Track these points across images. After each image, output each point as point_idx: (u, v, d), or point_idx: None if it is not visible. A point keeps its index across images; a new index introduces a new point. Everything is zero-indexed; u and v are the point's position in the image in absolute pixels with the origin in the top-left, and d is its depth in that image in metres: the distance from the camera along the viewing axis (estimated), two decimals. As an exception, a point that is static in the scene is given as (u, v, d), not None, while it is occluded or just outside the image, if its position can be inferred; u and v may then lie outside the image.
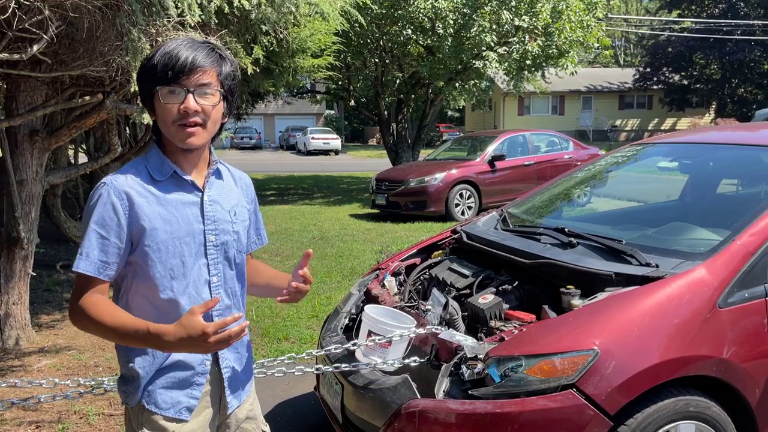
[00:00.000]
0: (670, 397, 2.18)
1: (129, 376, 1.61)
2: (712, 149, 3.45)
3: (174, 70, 1.50)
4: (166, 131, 1.56)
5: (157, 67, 1.51)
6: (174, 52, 1.51)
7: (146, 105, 1.59)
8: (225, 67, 1.59)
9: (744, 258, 2.35)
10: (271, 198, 14.85)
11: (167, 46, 1.53)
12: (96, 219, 1.53)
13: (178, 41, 1.55)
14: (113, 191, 1.54)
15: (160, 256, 1.56)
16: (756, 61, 34.79)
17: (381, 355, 2.49)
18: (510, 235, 3.08)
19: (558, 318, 2.34)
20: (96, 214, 1.53)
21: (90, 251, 1.52)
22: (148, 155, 1.62)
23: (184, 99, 1.51)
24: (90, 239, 1.53)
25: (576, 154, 12.19)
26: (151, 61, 1.53)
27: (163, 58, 1.50)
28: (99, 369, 4.33)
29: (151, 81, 1.53)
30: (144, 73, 1.55)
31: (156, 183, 1.58)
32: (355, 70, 16.04)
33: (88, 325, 1.52)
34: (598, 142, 33.09)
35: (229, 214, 1.70)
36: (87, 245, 1.53)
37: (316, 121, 45.82)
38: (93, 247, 1.52)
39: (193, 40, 1.57)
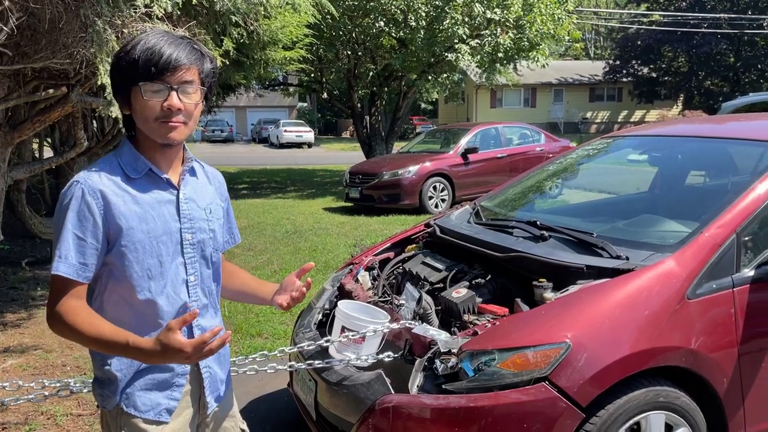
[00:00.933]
0: (640, 387, 2.21)
1: (105, 378, 1.57)
2: (681, 142, 3.49)
3: (158, 66, 1.46)
4: (146, 127, 1.52)
5: (139, 62, 1.46)
6: (157, 48, 1.47)
7: (119, 98, 1.55)
8: (206, 64, 1.57)
9: (712, 250, 2.38)
10: (243, 192, 14.71)
11: (148, 40, 1.48)
12: (71, 219, 1.48)
13: (157, 35, 1.50)
14: (87, 190, 1.48)
15: (137, 256, 1.52)
16: (722, 54, 35.48)
17: (355, 350, 2.48)
18: (483, 228, 3.09)
19: (530, 311, 2.35)
20: (71, 215, 1.48)
21: (67, 253, 1.47)
22: (120, 152, 1.56)
23: (167, 96, 1.48)
24: (66, 240, 1.47)
25: (547, 146, 12.30)
26: (130, 54, 1.48)
27: (146, 54, 1.46)
28: (67, 369, 4.24)
29: (130, 76, 1.48)
30: (122, 66, 1.50)
31: (131, 181, 1.53)
32: (327, 62, 15.93)
33: (66, 332, 1.48)
34: (569, 134, 33.44)
35: (205, 212, 1.67)
36: (64, 247, 1.47)
37: (288, 113, 45.48)
38: (70, 249, 1.47)
39: (173, 36, 1.53)
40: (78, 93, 4.45)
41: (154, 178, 1.57)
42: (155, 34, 1.51)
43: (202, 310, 1.65)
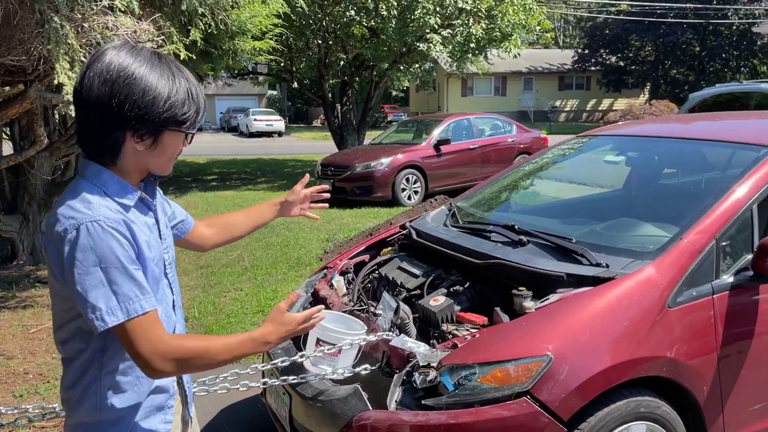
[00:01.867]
0: (621, 398, 2.18)
1: (108, 420, 1.45)
2: (657, 143, 3.47)
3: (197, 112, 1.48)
4: (159, 164, 1.48)
5: (187, 112, 1.44)
6: (200, 98, 1.47)
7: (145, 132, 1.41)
8: None
9: (691, 256, 2.35)
10: (212, 183, 14.46)
11: (192, 87, 1.45)
12: (117, 254, 1.34)
13: (188, 78, 1.46)
14: (112, 222, 1.35)
15: (150, 284, 1.44)
16: (687, 43, 36.03)
17: (330, 363, 2.39)
18: (460, 232, 3.03)
19: (511, 323, 2.30)
20: (108, 253, 1.33)
21: (142, 285, 1.37)
22: (100, 181, 1.41)
23: (185, 139, 1.50)
24: (131, 276, 1.35)
25: (519, 137, 12.33)
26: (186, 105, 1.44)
27: (197, 103, 1.46)
28: (29, 377, 4.09)
29: (184, 121, 1.44)
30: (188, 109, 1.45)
31: (128, 209, 1.43)
32: (297, 51, 15.71)
33: (187, 365, 1.40)
34: (539, 123, 33.71)
35: (167, 227, 1.62)
36: (135, 282, 1.35)
37: (258, 101, 44.90)
38: (141, 281, 1.37)
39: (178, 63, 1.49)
40: (36, 89, 4.25)
41: (144, 203, 1.50)
42: (185, 77, 1.45)
43: (181, 322, 1.62)
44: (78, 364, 1.44)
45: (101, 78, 1.36)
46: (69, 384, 1.46)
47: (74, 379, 1.44)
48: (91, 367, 1.43)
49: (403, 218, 7.57)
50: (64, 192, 1.42)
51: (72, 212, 1.34)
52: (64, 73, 3.28)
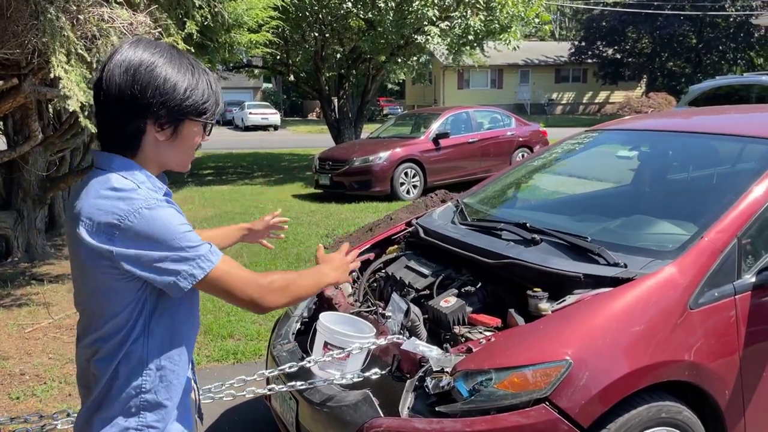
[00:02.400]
0: (642, 404, 2.10)
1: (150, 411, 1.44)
2: (669, 137, 3.39)
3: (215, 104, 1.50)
4: (178, 156, 1.49)
5: (207, 102, 1.47)
6: (218, 90, 1.50)
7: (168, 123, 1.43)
8: None
9: (713, 256, 2.27)
10: (208, 178, 14.34)
11: (211, 78, 1.48)
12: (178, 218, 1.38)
13: (206, 70, 1.48)
14: (164, 201, 1.39)
15: None
16: (684, 35, 35.95)
17: (339, 368, 2.31)
18: (469, 230, 2.94)
19: (527, 326, 2.21)
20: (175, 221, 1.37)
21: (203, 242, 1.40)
22: (131, 174, 1.40)
23: (203, 132, 1.52)
24: (194, 236, 1.39)
25: (518, 130, 12.24)
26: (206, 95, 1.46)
27: (216, 95, 1.49)
28: (26, 378, 3.99)
29: (201, 112, 1.46)
30: (209, 105, 1.47)
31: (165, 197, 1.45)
32: (293, 43, 15.55)
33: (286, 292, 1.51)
34: (535, 116, 33.61)
35: None
36: (200, 242, 1.39)
37: (253, 95, 44.65)
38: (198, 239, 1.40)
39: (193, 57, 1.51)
40: (31, 83, 4.14)
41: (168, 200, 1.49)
42: (206, 73, 1.48)
43: None
44: (121, 356, 1.41)
45: (122, 68, 1.38)
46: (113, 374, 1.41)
47: (117, 369, 1.41)
48: (134, 355, 1.41)
49: (403, 213, 7.48)
50: (88, 186, 1.39)
51: (119, 201, 1.34)
52: (60, 67, 3.17)
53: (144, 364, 1.42)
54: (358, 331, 2.40)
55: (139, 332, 1.41)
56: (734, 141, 3.12)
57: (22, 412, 3.57)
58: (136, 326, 1.40)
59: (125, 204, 1.33)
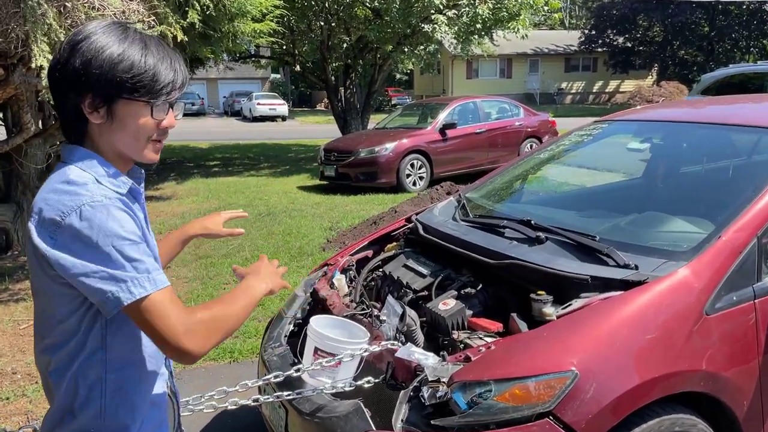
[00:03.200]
0: (653, 417, 1.95)
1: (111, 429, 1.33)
2: (682, 128, 3.21)
3: (176, 86, 1.33)
4: (130, 145, 1.32)
5: (159, 78, 1.29)
6: (175, 65, 1.33)
7: (96, 105, 1.28)
8: None
9: (731, 256, 2.11)
10: (215, 169, 14.23)
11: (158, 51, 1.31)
12: (124, 226, 1.21)
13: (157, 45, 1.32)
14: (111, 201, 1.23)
15: None
16: (696, 23, 35.40)
17: (330, 375, 2.18)
18: (470, 228, 2.78)
19: (530, 332, 2.06)
20: (116, 229, 1.20)
21: (151, 260, 1.23)
22: (92, 166, 1.28)
23: (167, 114, 1.34)
24: (138, 250, 1.22)
25: (526, 120, 12.03)
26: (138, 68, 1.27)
27: (155, 70, 1.29)
28: (17, 377, 3.89)
29: (131, 88, 1.27)
30: (134, 76, 1.27)
31: (121, 198, 1.29)
32: (299, 33, 15.38)
33: (213, 334, 1.25)
34: (544, 105, 33.28)
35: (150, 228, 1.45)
36: (143, 258, 1.22)
37: (261, 85, 44.48)
38: (149, 255, 1.24)
39: (159, 41, 1.35)
40: (20, 74, 4.01)
41: (132, 193, 1.36)
42: (156, 43, 1.32)
43: None
44: (76, 368, 1.29)
45: (68, 44, 1.28)
46: (67, 391, 1.29)
47: (73, 385, 1.29)
48: (90, 370, 1.29)
49: (408, 206, 7.32)
50: (49, 179, 1.28)
51: (66, 195, 1.21)
52: (42, 56, 3.04)
53: (102, 381, 1.29)
54: (351, 336, 2.26)
55: (96, 345, 1.28)
56: (751, 132, 2.94)
57: (11, 413, 3.47)
58: (89, 337, 1.27)
59: (71, 199, 1.20)
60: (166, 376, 1.45)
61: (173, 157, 16.78)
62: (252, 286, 1.41)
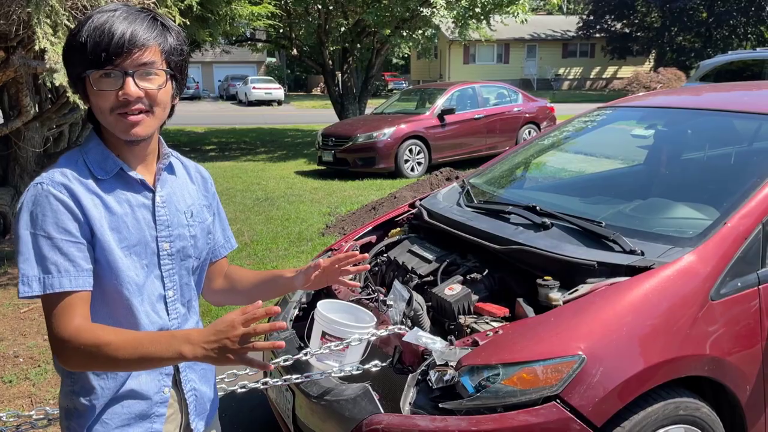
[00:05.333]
0: (658, 400, 1.97)
1: (72, 408, 1.31)
2: (686, 115, 3.21)
3: (108, 50, 1.21)
4: (104, 121, 1.28)
5: (87, 47, 1.22)
6: (107, 26, 1.22)
7: (77, 89, 1.31)
8: (169, 39, 1.30)
9: (736, 243, 2.13)
10: (211, 154, 14.18)
11: (97, 18, 1.24)
12: (46, 221, 1.21)
13: (109, 11, 1.25)
14: (52, 185, 1.23)
15: (111, 270, 1.27)
16: (695, 9, 35.25)
17: (337, 359, 2.20)
18: (475, 213, 2.79)
19: (537, 317, 2.08)
20: (41, 216, 1.21)
21: (56, 261, 1.20)
22: (86, 148, 1.32)
23: (122, 84, 1.23)
24: (45, 247, 1.20)
25: (525, 106, 12.01)
26: (76, 38, 1.23)
27: (94, 35, 1.22)
28: (19, 360, 3.90)
29: (79, 63, 1.24)
30: (70, 52, 1.25)
31: (99, 182, 1.29)
32: (296, 16, 15.25)
33: (88, 359, 1.19)
34: (542, 91, 33.20)
35: (185, 216, 1.41)
36: (48, 256, 1.19)
37: (257, 69, 44.20)
38: (56, 255, 1.20)
39: (129, 9, 1.27)
40: (20, 57, 3.98)
41: (126, 179, 1.33)
42: (107, 11, 1.25)
43: (182, 321, 1.41)
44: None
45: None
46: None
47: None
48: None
49: (408, 192, 7.33)
50: None
51: (37, 178, 1.27)
52: (45, 38, 3.01)
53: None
54: (357, 321, 2.28)
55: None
56: (755, 119, 2.95)
57: (14, 396, 3.49)
58: None
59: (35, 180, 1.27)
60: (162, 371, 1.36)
61: (169, 141, 16.70)
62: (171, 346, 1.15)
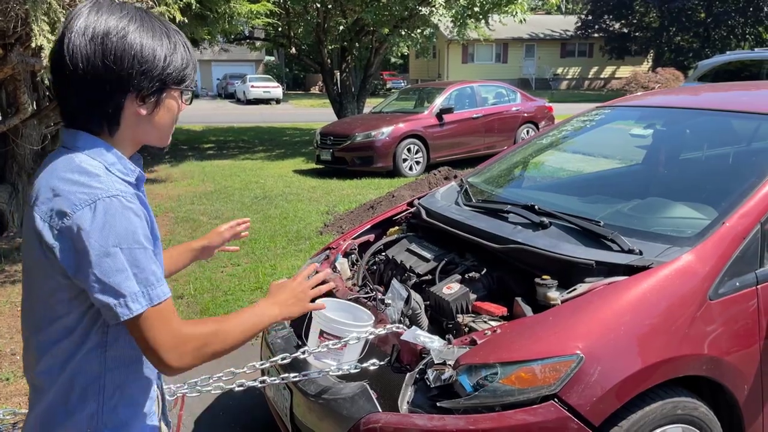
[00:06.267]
0: (656, 400, 1.97)
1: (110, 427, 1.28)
2: (685, 114, 3.22)
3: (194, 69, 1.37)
4: (158, 132, 1.33)
5: (187, 67, 1.33)
6: (191, 49, 1.36)
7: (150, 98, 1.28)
8: None
9: (734, 242, 2.13)
10: (209, 152, 14.15)
11: (186, 42, 1.34)
12: (137, 230, 1.18)
13: (179, 32, 1.34)
14: (128, 198, 1.20)
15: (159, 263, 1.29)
16: (693, 9, 35.30)
17: (335, 357, 2.19)
18: (474, 212, 2.79)
19: (536, 317, 2.08)
20: (130, 232, 1.17)
21: (157, 271, 1.20)
22: (101, 155, 1.23)
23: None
24: (146, 257, 1.19)
25: (523, 106, 12.02)
26: (185, 60, 1.33)
27: (193, 58, 1.36)
28: (16, 358, 3.89)
29: (178, 78, 1.32)
30: (183, 71, 1.33)
31: (130, 185, 1.26)
32: (295, 15, 15.23)
33: (204, 353, 1.25)
34: (540, 91, 33.20)
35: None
36: (154, 265, 1.20)
37: (255, 68, 44.15)
38: (156, 263, 1.22)
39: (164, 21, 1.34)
40: (18, 53, 3.96)
41: (141, 183, 1.32)
42: (179, 35, 1.33)
43: None
44: (73, 366, 1.24)
45: (87, 36, 1.21)
46: (61, 390, 1.24)
47: (68, 383, 1.24)
48: (88, 367, 1.24)
49: (406, 191, 7.32)
50: (51, 165, 1.23)
51: (79, 187, 1.17)
52: (42, 36, 3.00)
53: (100, 378, 1.25)
54: (355, 319, 2.27)
55: (95, 342, 1.23)
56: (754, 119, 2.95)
57: (11, 393, 3.48)
58: (90, 334, 1.22)
59: (83, 191, 1.16)
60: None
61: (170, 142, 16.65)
62: (261, 312, 1.39)
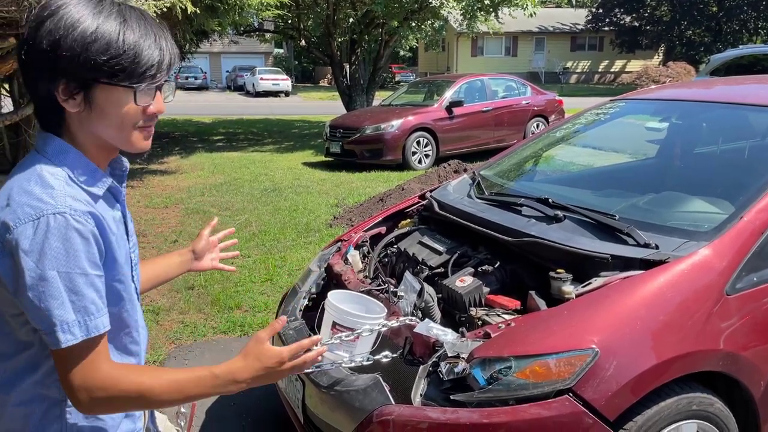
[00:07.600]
0: (672, 395, 1.96)
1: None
2: (699, 108, 3.18)
3: (161, 66, 1.15)
4: (117, 134, 1.16)
5: (138, 63, 1.11)
6: (160, 42, 1.15)
7: (69, 91, 1.11)
8: None
9: (752, 237, 2.11)
10: (219, 144, 14.17)
11: (138, 27, 1.13)
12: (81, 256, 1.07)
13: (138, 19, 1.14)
14: (77, 216, 1.08)
15: (112, 294, 1.18)
16: (705, 3, 34.95)
17: (347, 349, 2.18)
18: (487, 205, 2.77)
19: (550, 310, 2.06)
20: (70, 254, 1.06)
21: (100, 301, 1.11)
22: (67, 162, 1.14)
23: (154, 98, 1.17)
24: (90, 285, 1.09)
25: (534, 99, 11.95)
26: (125, 50, 1.10)
27: (137, 50, 1.11)
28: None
29: (110, 71, 1.10)
30: (100, 60, 1.09)
31: (96, 199, 1.16)
32: (305, 7, 15.20)
33: (120, 403, 1.15)
34: (549, 84, 33.02)
35: (132, 223, 1.34)
36: (95, 294, 1.09)
37: (264, 60, 44.12)
38: (100, 294, 1.11)
39: (143, 13, 1.17)
40: (30, 43, 3.96)
41: (110, 195, 1.22)
42: (134, 15, 1.14)
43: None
44: (28, 385, 1.16)
45: (35, 20, 1.10)
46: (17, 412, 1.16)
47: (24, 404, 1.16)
48: (50, 386, 1.16)
49: (415, 183, 7.30)
50: (18, 167, 1.13)
51: (29, 199, 1.07)
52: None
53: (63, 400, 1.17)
54: (368, 311, 2.26)
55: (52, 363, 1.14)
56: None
57: None
58: (46, 352, 1.13)
59: (32, 204, 1.06)
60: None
61: (177, 131, 16.71)
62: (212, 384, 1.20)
